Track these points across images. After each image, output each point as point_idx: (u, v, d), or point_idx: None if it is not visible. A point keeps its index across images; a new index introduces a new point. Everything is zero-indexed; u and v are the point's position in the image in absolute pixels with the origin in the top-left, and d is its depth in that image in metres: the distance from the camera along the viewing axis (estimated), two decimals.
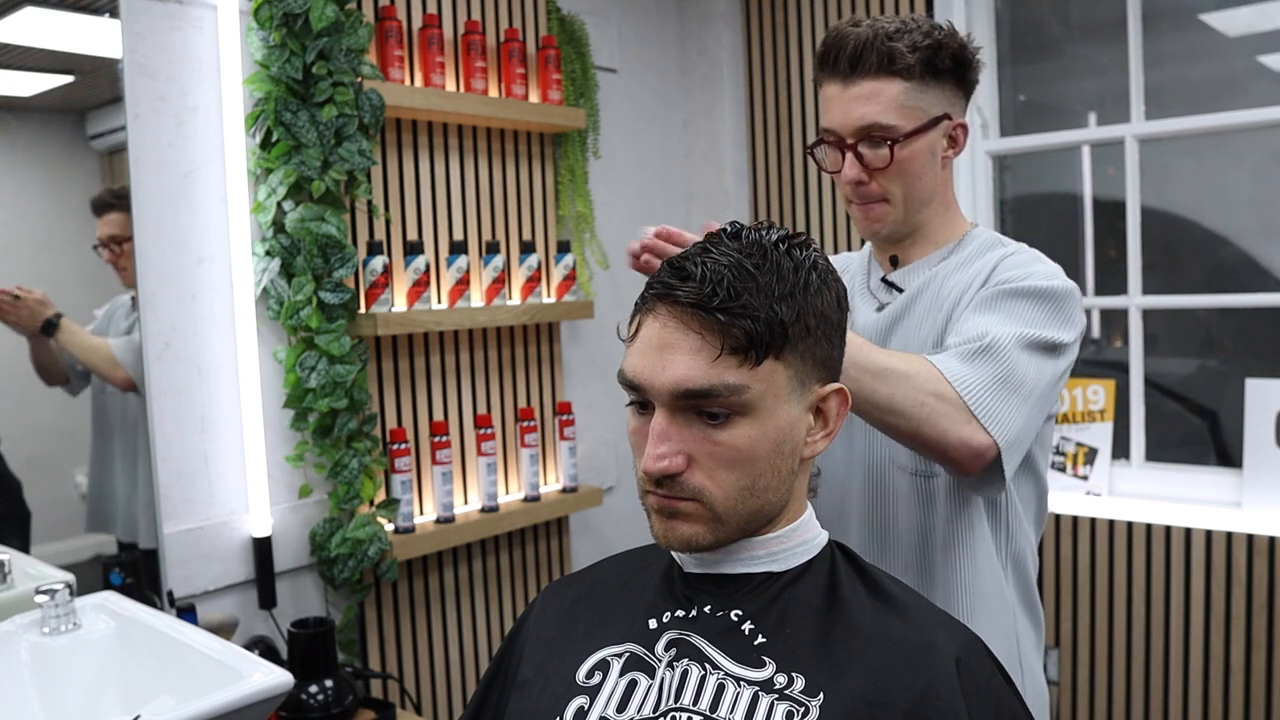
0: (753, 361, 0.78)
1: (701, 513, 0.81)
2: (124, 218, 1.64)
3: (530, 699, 0.87)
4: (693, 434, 0.80)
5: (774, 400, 0.80)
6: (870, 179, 1.19)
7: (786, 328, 0.79)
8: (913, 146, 1.18)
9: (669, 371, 0.78)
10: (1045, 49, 2.51)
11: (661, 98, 2.67)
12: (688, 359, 0.78)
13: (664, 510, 0.82)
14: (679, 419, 0.80)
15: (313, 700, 1.64)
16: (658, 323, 0.80)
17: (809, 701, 0.76)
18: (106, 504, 1.71)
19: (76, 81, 1.67)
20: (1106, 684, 2.24)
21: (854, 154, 1.19)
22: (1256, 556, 2.03)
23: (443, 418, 2.11)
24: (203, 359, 1.76)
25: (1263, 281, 2.26)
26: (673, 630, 0.84)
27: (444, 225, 2.12)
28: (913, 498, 1.21)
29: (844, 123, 1.18)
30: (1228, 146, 2.27)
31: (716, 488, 0.80)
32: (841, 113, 1.18)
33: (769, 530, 0.85)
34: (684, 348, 0.78)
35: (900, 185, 1.19)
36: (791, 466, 0.83)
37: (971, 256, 1.23)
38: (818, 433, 0.85)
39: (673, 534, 0.82)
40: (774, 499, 0.83)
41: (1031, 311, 1.11)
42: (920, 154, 1.19)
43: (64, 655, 1.33)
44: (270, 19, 1.75)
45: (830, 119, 1.20)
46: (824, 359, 0.84)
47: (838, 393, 0.85)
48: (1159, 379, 2.36)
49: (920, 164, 1.19)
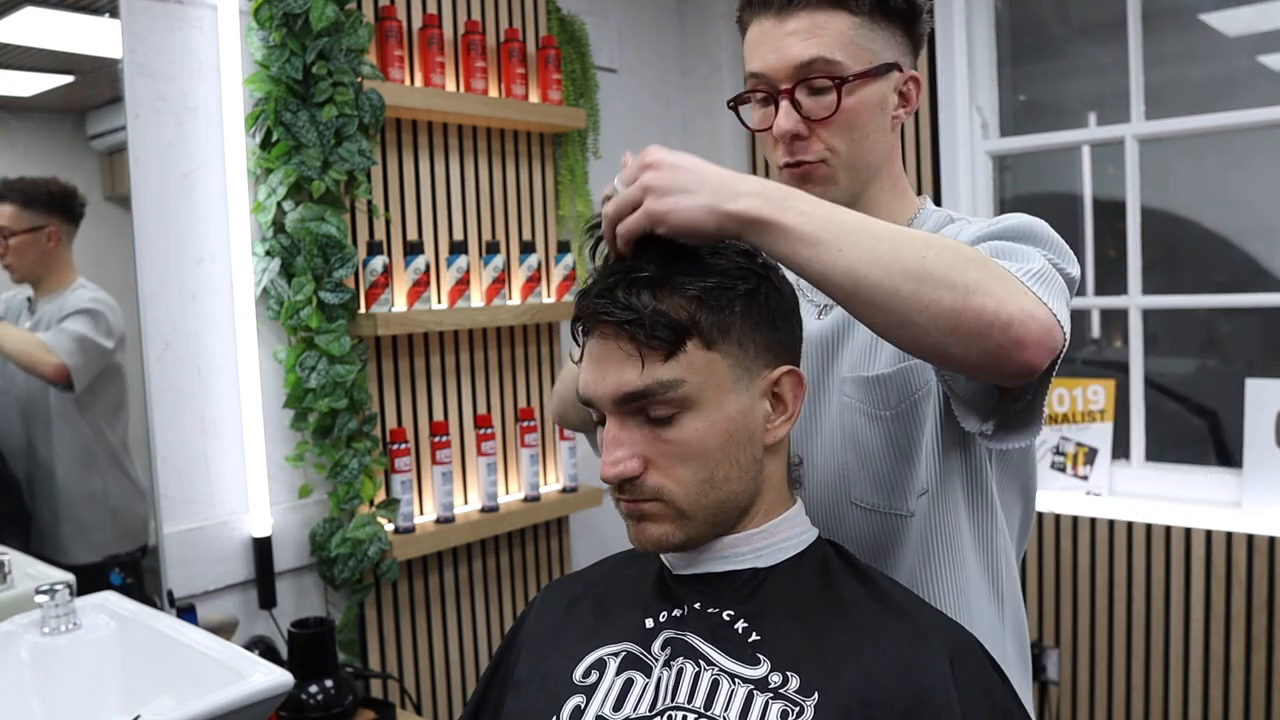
0: (680, 355, 0.79)
1: (666, 511, 0.82)
2: (15, 210, 1.58)
3: (527, 698, 0.87)
4: (643, 436, 0.82)
5: (717, 391, 0.81)
6: (810, 133, 0.97)
7: (704, 318, 0.80)
8: (861, 94, 0.97)
9: (608, 380, 0.81)
10: (1045, 49, 2.51)
11: (661, 98, 2.67)
12: (621, 366, 0.80)
13: (632, 514, 0.84)
14: (629, 424, 0.82)
15: (313, 700, 1.64)
16: (594, 339, 0.83)
17: (804, 701, 0.76)
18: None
19: (76, 81, 1.67)
20: (1106, 684, 2.23)
21: (790, 101, 0.97)
22: (1256, 556, 2.02)
23: (443, 418, 2.11)
24: (203, 359, 1.76)
25: (1263, 281, 2.26)
26: (669, 629, 0.85)
27: (444, 225, 2.12)
28: (872, 540, 1.00)
29: (779, 63, 0.96)
30: (1228, 146, 2.27)
31: (675, 485, 0.81)
32: (775, 52, 0.97)
33: (747, 525, 0.86)
34: (617, 356, 0.81)
35: (845, 142, 0.98)
36: (752, 454, 0.83)
37: None
38: (777, 418, 0.85)
39: (644, 536, 0.84)
40: (738, 489, 0.83)
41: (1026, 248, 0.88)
42: (869, 105, 0.98)
43: (64, 655, 1.33)
44: (270, 19, 1.75)
45: (760, 61, 0.98)
46: (767, 343, 0.84)
47: (789, 374, 0.85)
48: (1159, 379, 2.36)
49: (869, 117, 0.98)
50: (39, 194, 1.61)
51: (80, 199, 1.64)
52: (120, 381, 1.70)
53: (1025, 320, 0.74)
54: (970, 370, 0.80)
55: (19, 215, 1.58)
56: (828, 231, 0.76)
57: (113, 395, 1.70)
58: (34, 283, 1.62)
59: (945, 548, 0.99)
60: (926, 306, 0.74)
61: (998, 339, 0.74)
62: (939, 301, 0.74)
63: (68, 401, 1.63)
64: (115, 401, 1.71)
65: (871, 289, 0.75)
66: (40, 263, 1.62)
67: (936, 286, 0.74)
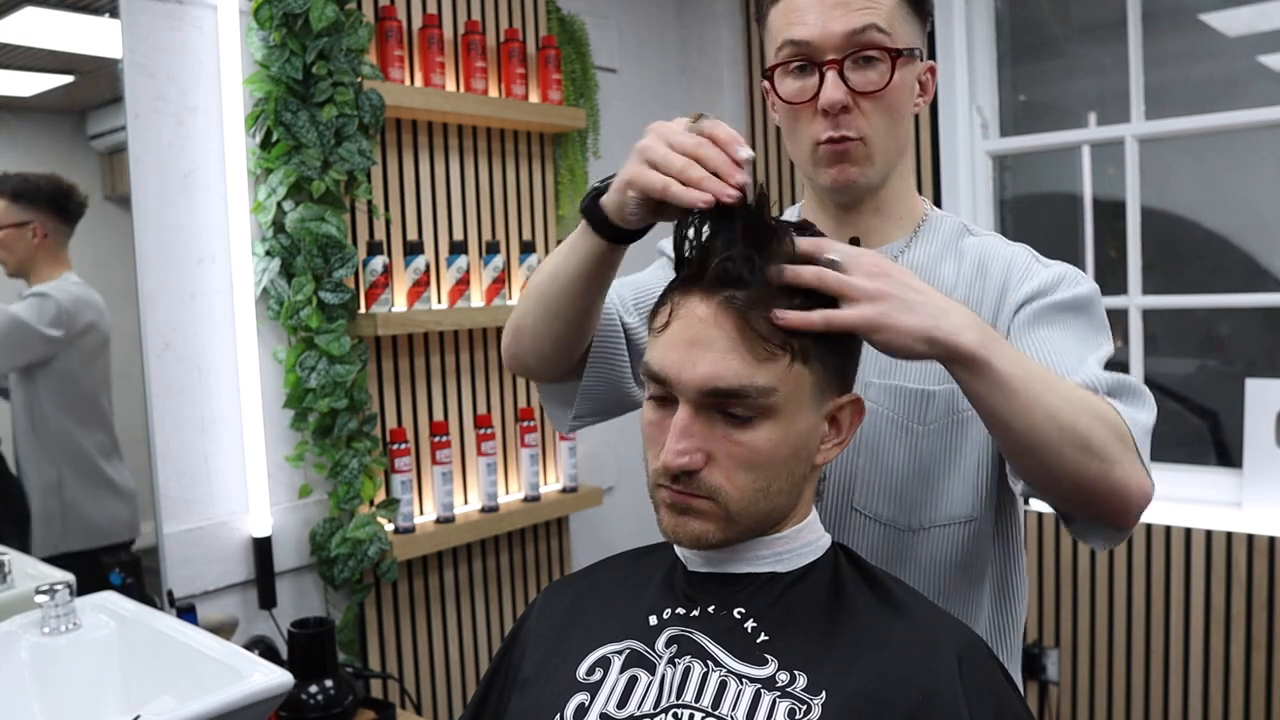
0: (780, 362, 0.78)
1: (715, 511, 0.80)
2: (3, 205, 1.58)
3: (531, 697, 0.87)
4: (715, 433, 0.79)
5: (797, 405, 0.80)
6: (855, 107, 0.94)
7: (813, 335, 0.79)
8: (904, 73, 0.95)
9: (699, 368, 0.77)
10: (1045, 49, 2.51)
11: (661, 98, 2.67)
12: (719, 357, 0.77)
13: (676, 505, 0.81)
14: (702, 416, 0.79)
15: (313, 700, 1.64)
16: (692, 316, 0.79)
17: (811, 699, 0.76)
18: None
19: (76, 81, 1.67)
20: (1106, 684, 2.23)
21: (838, 72, 0.93)
22: (1256, 556, 2.02)
23: (443, 418, 2.11)
24: (203, 359, 1.76)
25: (1263, 281, 2.26)
26: (674, 627, 0.84)
27: (444, 225, 2.12)
28: (871, 551, 0.99)
29: (827, 31, 0.92)
30: (1228, 146, 2.27)
31: (733, 488, 0.80)
32: (823, 19, 0.92)
33: (775, 531, 0.85)
34: (716, 345, 0.77)
35: (884, 122, 0.96)
36: (804, 472, 0.84)
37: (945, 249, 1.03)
38: (830, 440, 0.85)
39: (682, 529, 0.81)
40: (785, 503, 0.83)
41: (1087, 329, 0.95)
42: (907, 86, 0.97)
43: (64, 655, 1.33)
44: (270, 19, 1.75)
45: (805, 29, 0.93)
46: (841, 368, 0.84)
47: (853, 403, 0.85)
48: (1159, 379, 2.36)
49: (905, 99, 0.97)
50: (27, 189, 1.61)
51: (77, 197, 1.64)
52: (82, 377, 1.68)
53: (1139, 498, 0.82)
54: (1069, 510, 0.87)
55: (6, 210, 1.59)
56: (1027, 385, 0.79)
57: (68, 388, 1.67)
58: (25, 276, 1.63)
59: (962, 577, 0.99)
60: (1077, 473, 0.80)
61: (1114, 508, 0.83)
62: (1087, 469, 0.80)
63: (27, 392, 1.62)
64: (72, 394, 1.67)
65: (1040, 446, 0.79)
66: (29, 257, 1.62)
67: (1091, 456, 0.79)
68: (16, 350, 1.63)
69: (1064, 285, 0.96)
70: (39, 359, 1.64)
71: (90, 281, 1.65)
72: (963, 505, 0.98)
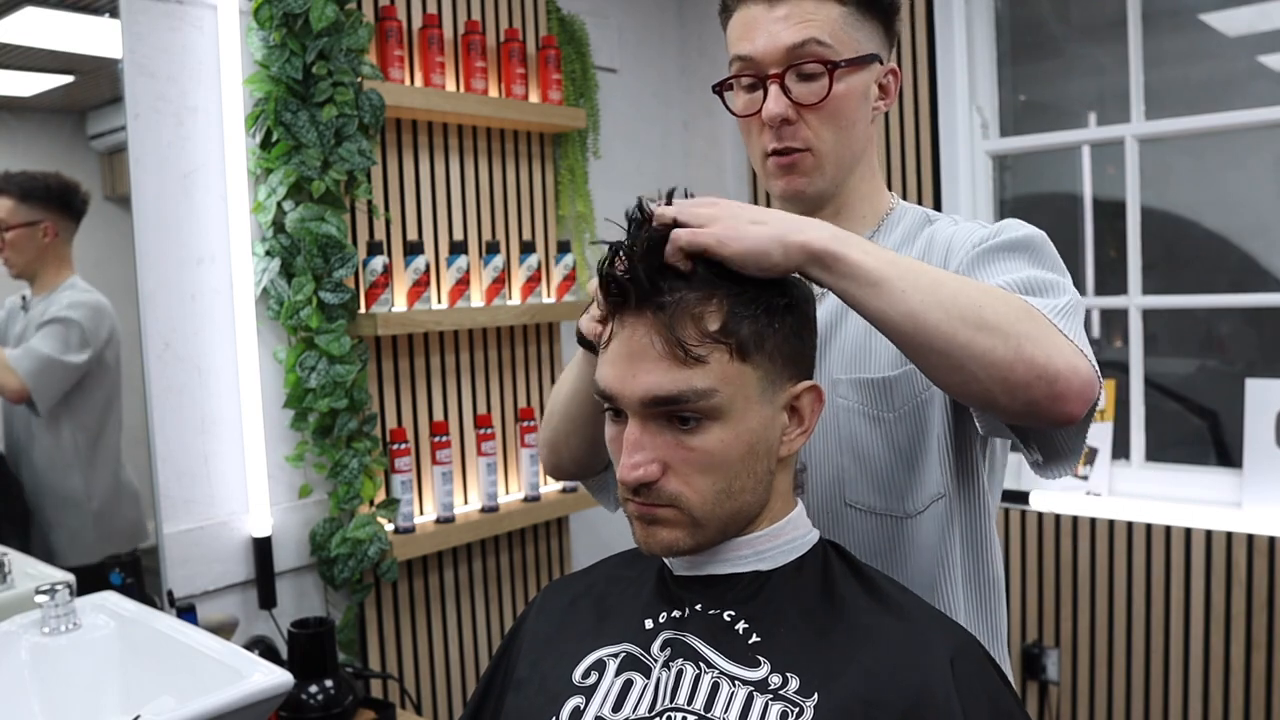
0: (715, 364, 0.78)
1: (680, 518, 0.81)
2: (12, 204, 1.57)
3: (526, 698, 0.87)
4: (665, 440, 0.80)
5: (744, 403, 0.80)
6: (798, 119, 0.98)
7: (743, 329, 0.79)
8: (849, 81, 0.98)
9: (638, 380, 0.79)
10: (1045, 49, 2.51)
11: (661, 98, 2.67)
12: (653, 366, 0.78)
13: (643, 517, 0.82)
14: (651, 426, 0.80)
15: (313, 700, 1.64)
16: (625, 330, 0.80)
17: (804, 702, 0.76)
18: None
19: (76, 81, 1.67)
20: (1106, 684, 2.23)
21: (779, 86, 0.97)
22: (1256, 556, 2.02)
23: (443, 418, 2.11)
24: (203, 359, 1.76)
25: (1262, 281, 2.26)
26: (668, 630, 0.84)
27: (444, 225, 2.12)
28: (869, 542, 1.00)
29: (770, 47, 0.97)
30: (1228, 146, 2.27)
31: (693, 493, 0.80)
32: (767, 35, 0.97)
33: (752, 529, 0.85)
34: (649, 356, 0.78)
35: (831, 131, 0.99)
36: (768, 467, 0.83)
37: (905, 240, 1.05)
38: (793, 431, 0.85)
39: (653, 540, 0.82)
40: (752, 500, 0.83)
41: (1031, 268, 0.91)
42: (855, 94, 0.99)
43: (64, 655, 1.33)
44: (270, 19, 1.75)
45: (749, 44, 0.98)
46: (793, 356, 0.84)
47: (810, 390, 0.84)
48: (1159, 379, 2.36)
49: (854, 107, 1.00)
50: (36, 188, 1.60)
51: (82, 195, 1.64)
52: (105, 385, 1.68)
53: (1070, 375, 0.77)
54: (1011, 418, 0.82)
55: (16, 209, 1.58)
56: (891, 272, 0.78)
57: (96, 400, 1.67)
58: (30, 279, 1.62)
59: (943, 552, 0.99)
60: (982, 354, 0.76)
61: (1043, 391, 0.77)
62: (993, 350, 0.76)
63: (56, 411, 1.63)
64: (100, 405, 1.68)
65: (930, 332, 0.77)
66: (37, 258, 1.61)
67: (991, 335, 0.76)
68: (53, 386, 1.62)
69: (1004, 231, 0.96)
70: (73, 386, 1.64)
71: (91, 282, 1.65)
72: (936, 484, 0.99)
